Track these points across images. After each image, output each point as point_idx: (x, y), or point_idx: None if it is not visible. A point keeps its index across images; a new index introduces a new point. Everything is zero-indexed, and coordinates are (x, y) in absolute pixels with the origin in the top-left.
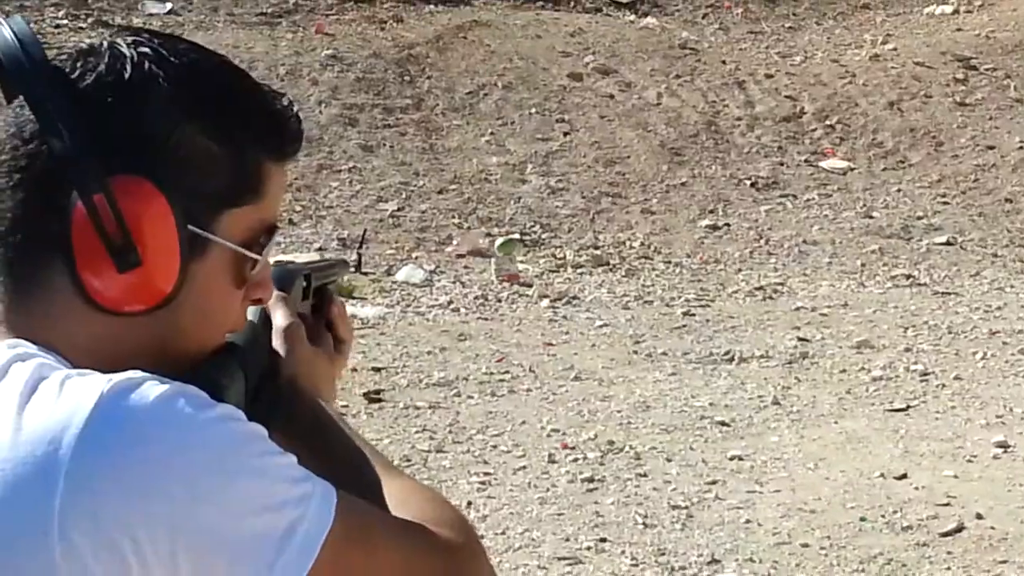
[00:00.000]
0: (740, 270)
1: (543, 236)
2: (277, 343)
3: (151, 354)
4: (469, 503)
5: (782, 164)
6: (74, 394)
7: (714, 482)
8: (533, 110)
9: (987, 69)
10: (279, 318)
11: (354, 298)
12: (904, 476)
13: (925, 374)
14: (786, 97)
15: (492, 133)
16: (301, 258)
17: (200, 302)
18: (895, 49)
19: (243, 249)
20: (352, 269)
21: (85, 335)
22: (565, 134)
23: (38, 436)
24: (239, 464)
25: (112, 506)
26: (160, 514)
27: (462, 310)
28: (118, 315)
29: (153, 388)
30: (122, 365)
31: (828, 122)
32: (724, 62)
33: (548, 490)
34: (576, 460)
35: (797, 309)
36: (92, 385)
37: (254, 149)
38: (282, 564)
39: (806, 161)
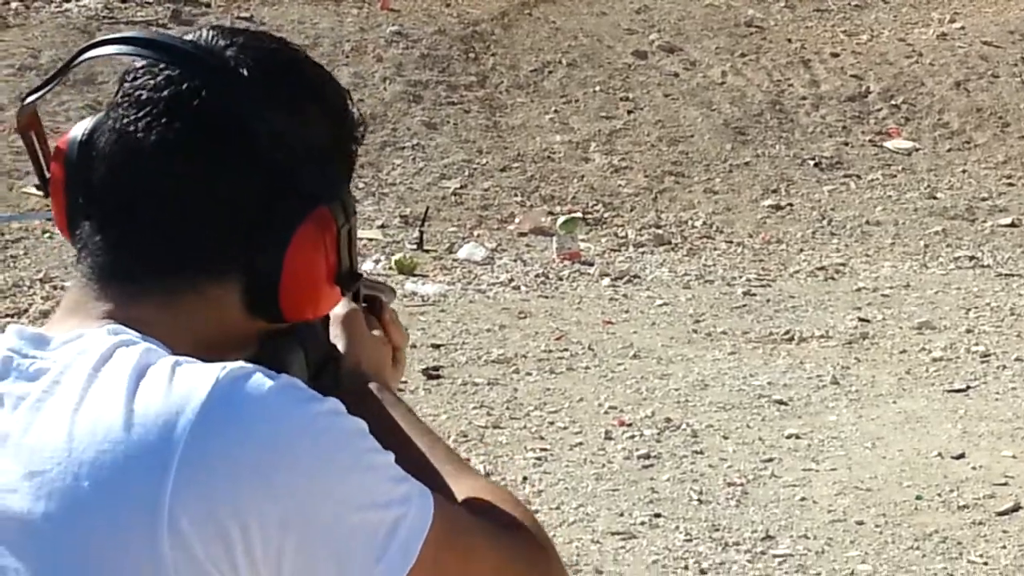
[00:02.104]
0: (802, 250)
1: (605, 215)
2: (336, 331)
3: (242, 340)
4: (525, 478)
5: (846, 144)
6: (187, 380)
7: (770, 460)
8: (597, 88)
9: None
10: (337, 307)
11: (415, 275)
12: (962, 456)
13: (986, 355)
14: (851, 76)
15: (556, 111)
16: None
17: None
18: (962, 28)
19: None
20: (395, 295)
21: (213, 330)
22: (629, 112)
23: (151, 420)
24: (352, 459)
25: (226, 494)
26: (273, 504)
27: (522, 288)
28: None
29: (266, 379)
30: (220, 351)
31: (893, 102)
32: (790, 40)
33: (604, 466)
34: (633, 437)
35: (858, 290)
36: (206, 372)
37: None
38: (386, 561)
39: (870, 141)
